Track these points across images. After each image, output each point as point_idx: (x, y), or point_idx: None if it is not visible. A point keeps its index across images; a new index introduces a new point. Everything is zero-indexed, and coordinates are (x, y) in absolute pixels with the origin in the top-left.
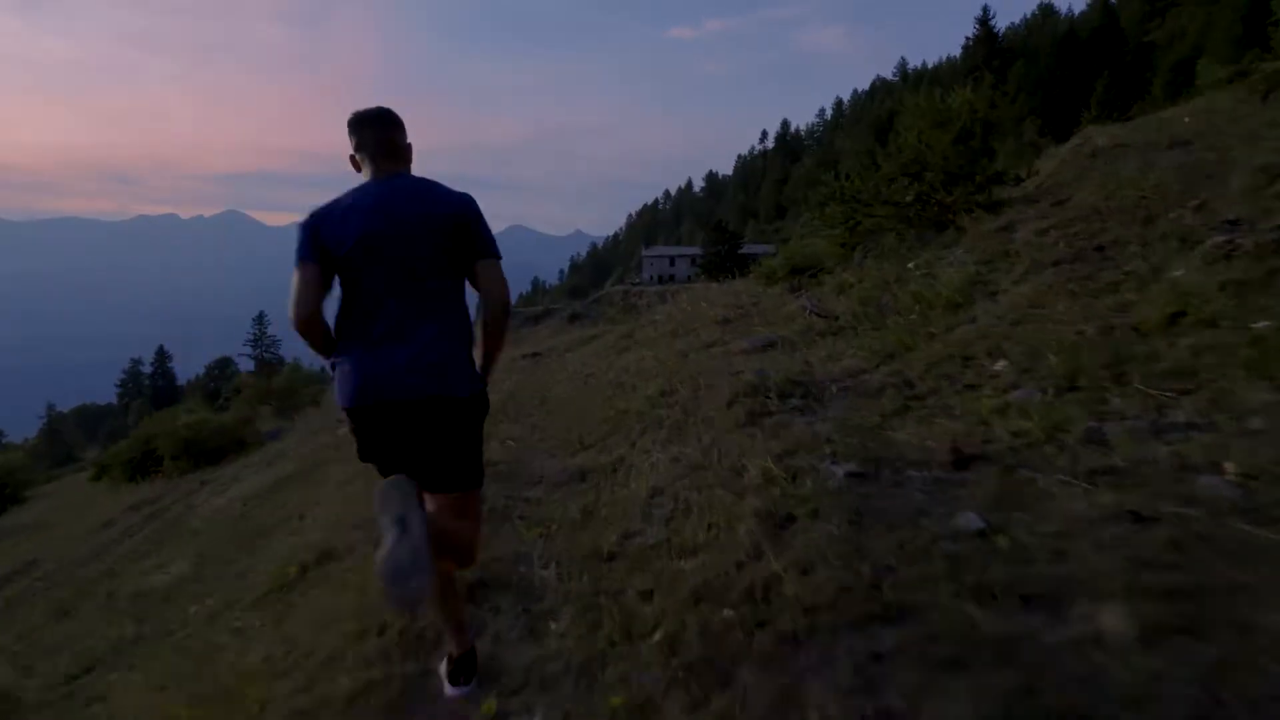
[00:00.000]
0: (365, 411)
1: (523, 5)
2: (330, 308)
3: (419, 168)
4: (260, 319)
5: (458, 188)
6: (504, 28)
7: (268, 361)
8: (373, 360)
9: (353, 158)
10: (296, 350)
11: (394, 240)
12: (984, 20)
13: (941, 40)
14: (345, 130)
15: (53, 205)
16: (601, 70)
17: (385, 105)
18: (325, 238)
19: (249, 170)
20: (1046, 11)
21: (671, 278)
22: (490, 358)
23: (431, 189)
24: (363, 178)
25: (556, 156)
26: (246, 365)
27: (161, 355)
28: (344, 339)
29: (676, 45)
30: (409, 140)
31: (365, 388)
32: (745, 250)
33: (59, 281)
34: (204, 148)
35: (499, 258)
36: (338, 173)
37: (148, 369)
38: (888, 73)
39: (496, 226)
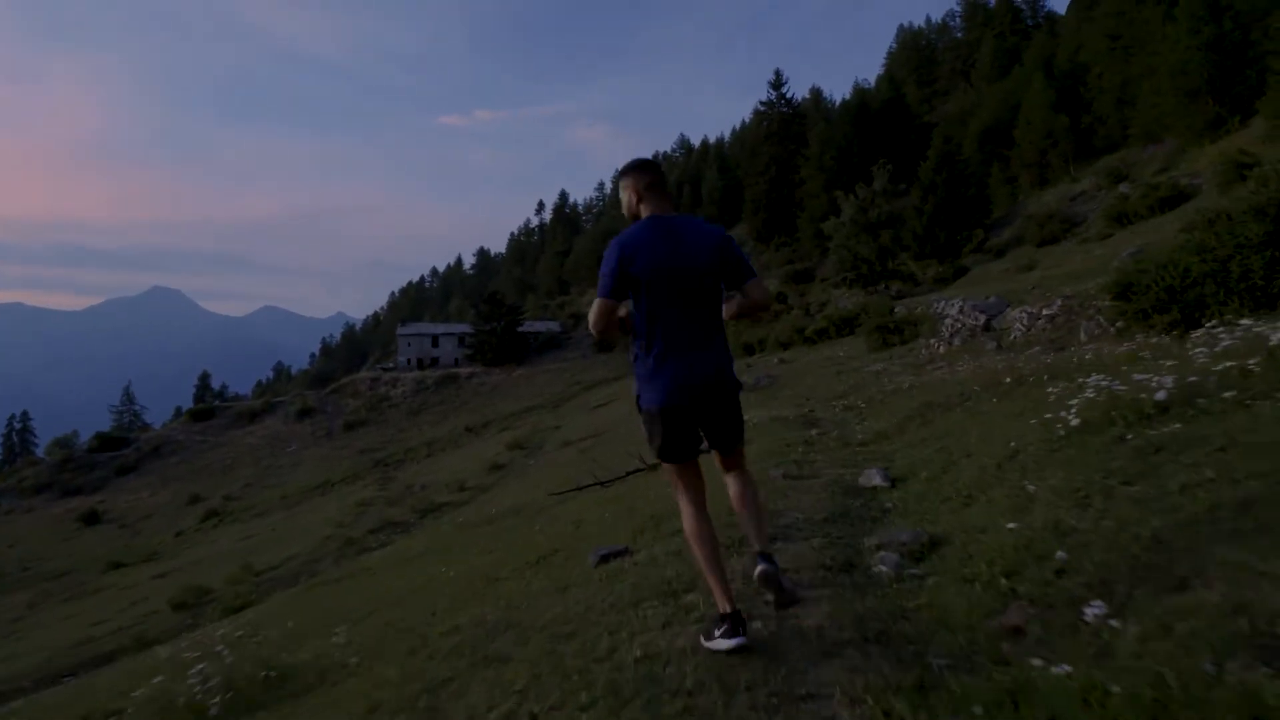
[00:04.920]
0: (674, 409)
1: (286, 84)
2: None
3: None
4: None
5: (206, 265)
6: (266, 105)
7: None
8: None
9: (632, 196)
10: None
11: (684, 274)
12: (777, 84)
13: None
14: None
15: None
16: (370, 152)
17: None
18: (630, 271)
19: None
20: (817, 95)
21: (434, 360)
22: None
23: (701, 225)
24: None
25: (318, 237)
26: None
27: None
28: (654, 353)
29: (447, 131)
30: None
31: (680, 387)
32: (526, 328)
33: None
34: None
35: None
36: (44, 244)
37: None
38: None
39: (247, 307)
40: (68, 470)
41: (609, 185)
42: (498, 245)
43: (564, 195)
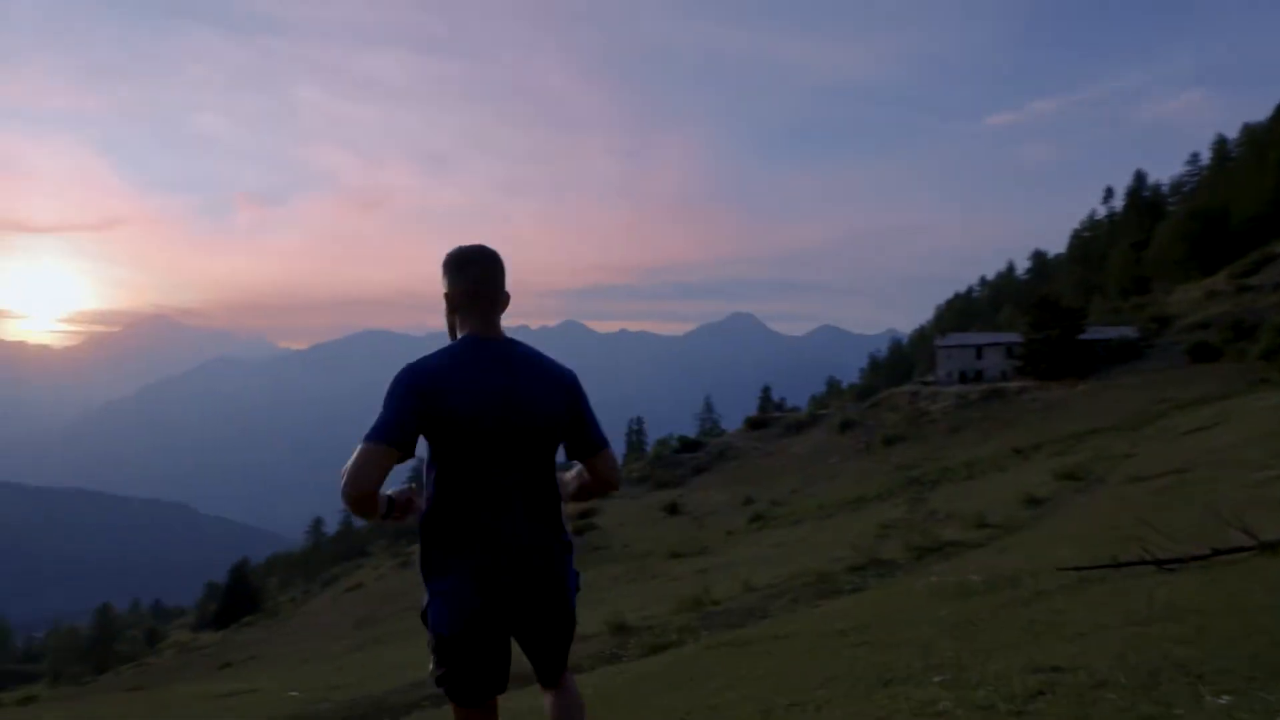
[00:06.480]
0: (487, 630)
1: (828, 114)
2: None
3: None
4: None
5: (771, 291)
6: (811, 138)
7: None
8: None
9: (453, 304)
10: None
11: (522, 423)
12: None
13: None
14: (467, 270)
15: (436, 322)
16: (915, 168)
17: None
18: (439, 408)
19: (584, 285)
20: None
21: (978, 374)
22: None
23: (545, 361)
24: (460, 331)
25: (868, 257)
26: None
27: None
28: (457, 539)
29: (994, 132)
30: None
31: (496, 600)
32: (1091, 335)
33: None
34: (551, 269)
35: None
36: (656, 282)
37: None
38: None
39: (806, 327)
40: (659, 467)
41: (1206, 156)
42: (1056, 246)
43: (1140, 177)
